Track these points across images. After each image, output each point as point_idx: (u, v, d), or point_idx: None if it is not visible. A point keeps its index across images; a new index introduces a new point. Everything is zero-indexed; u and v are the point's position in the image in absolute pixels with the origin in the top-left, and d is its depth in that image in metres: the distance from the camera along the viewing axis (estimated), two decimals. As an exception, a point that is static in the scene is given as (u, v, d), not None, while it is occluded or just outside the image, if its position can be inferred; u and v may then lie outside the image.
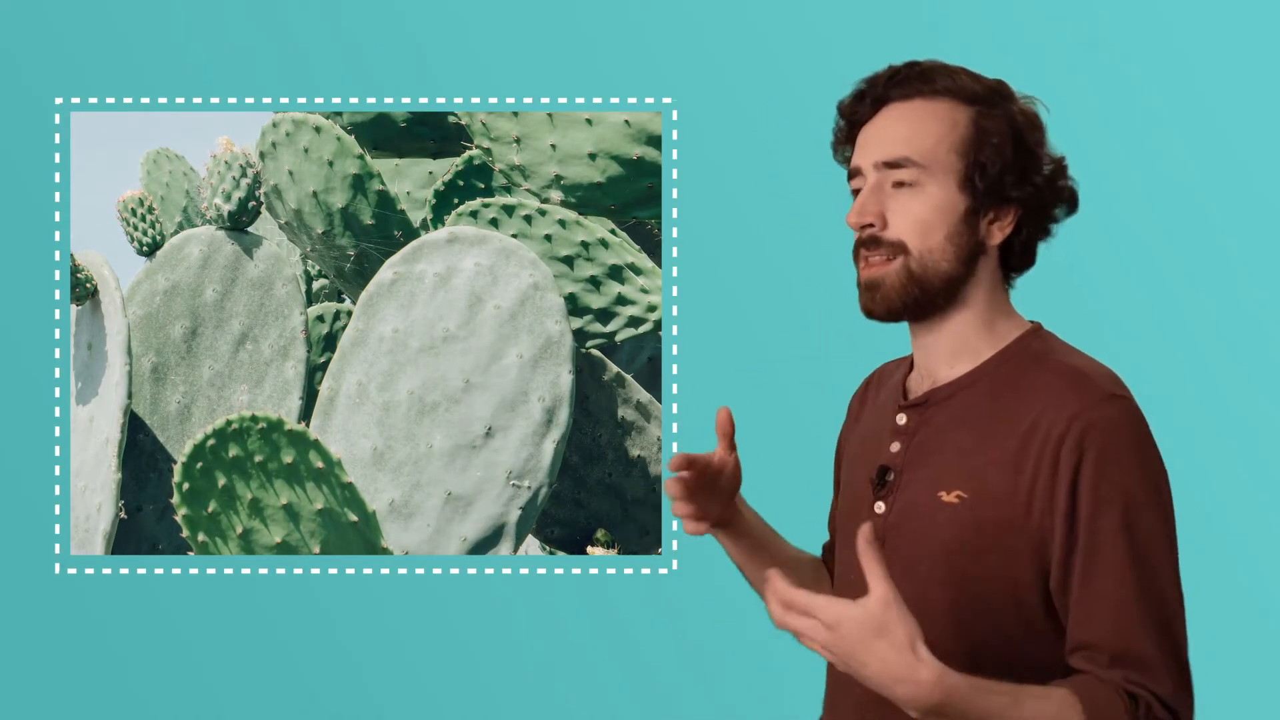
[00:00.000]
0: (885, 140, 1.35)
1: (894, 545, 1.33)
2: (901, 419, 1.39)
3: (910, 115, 1.35)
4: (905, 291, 1.34)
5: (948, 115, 1.35)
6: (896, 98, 1.36)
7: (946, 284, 1.35)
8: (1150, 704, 1.24)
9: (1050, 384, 1.31)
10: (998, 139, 1.34)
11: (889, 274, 1.34)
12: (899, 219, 1.34)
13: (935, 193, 1.34)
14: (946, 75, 1.36)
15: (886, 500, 1.37)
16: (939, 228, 1.34)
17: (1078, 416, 1.27)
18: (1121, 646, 1.24)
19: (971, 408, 1.34)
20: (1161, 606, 1.26)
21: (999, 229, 1.36)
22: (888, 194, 1.34)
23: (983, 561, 1.29)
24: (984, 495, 1.29)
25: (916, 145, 1.34)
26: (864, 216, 1.34)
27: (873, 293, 1.35)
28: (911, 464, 1.36)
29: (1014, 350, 1.36)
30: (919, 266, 1.34)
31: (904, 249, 1.34)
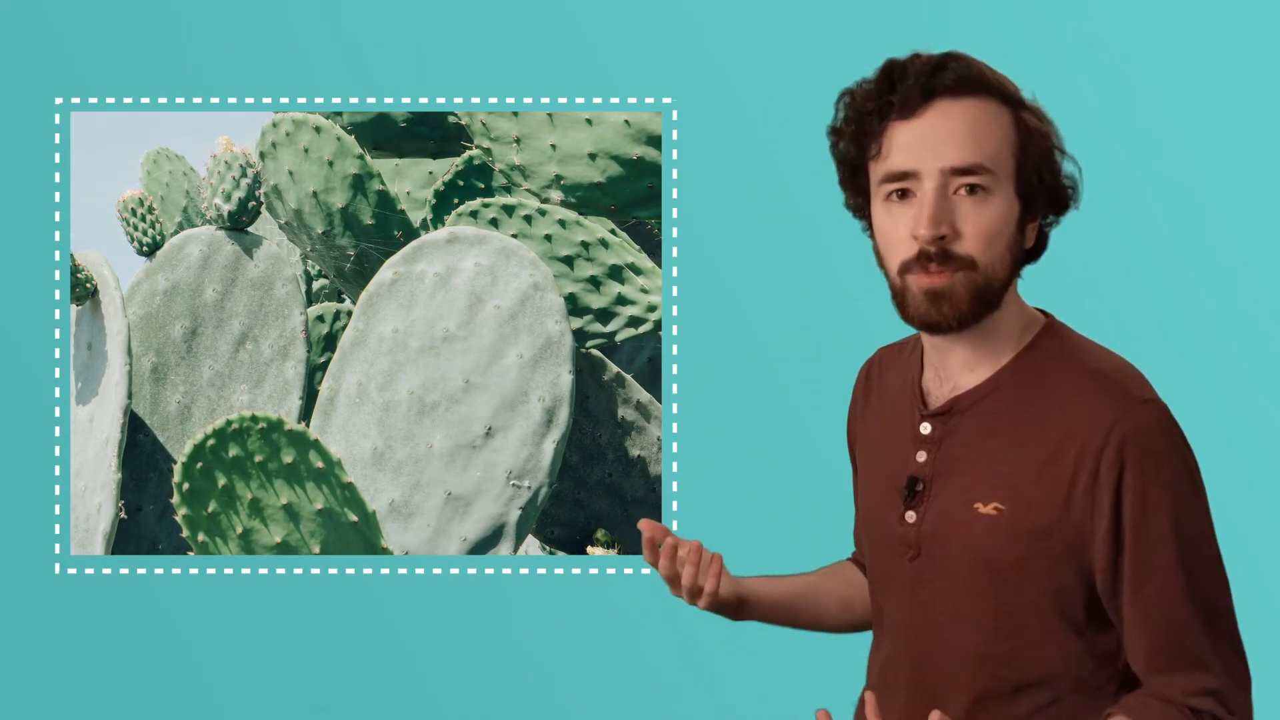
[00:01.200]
0: (952, 143, 1.27)
1: (930, 555, 1.33)
2: (926, 428, 1.36)
3: (970, 115, 1.28)
4: (975, 303, 1.29)
5: (999, 116, 1.29)
6: (946, 94, 1.28)
7: (1001, 292, 1.32)
8: (1214, 712, 1.25)
9: (1079, 390, 1.29)
10: (1043, 142, 1.31)
11: (956, 285, 1.28)
12: (970, 230, 1.27)
13: (1001, 201, 1.29)
14: (986, 71, 1.31)
15: (918, 510, 1.35)
16: (1003, 238, 1.29)
17: (1115, 426, 1.26)
18: (1175, 649, 1.25)
19: (997, 415, 1.32)
20: (1212, 605, 1.27)
21: (1033, 230, 1.34)
22: (953, 201, 1.28)
23: (1024, 570, 1.29)
24: (1020, 505, 1.28)
25: (986, 150, 1.27)
26: (939, 228, 1.27)
27: (939, 303, 1.29)
28: (941, 474, 1.34)
29: (1034, 351, 1.34)
30: (984, 279, 1.29)
31: (973, 264, 1.28)
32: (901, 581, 1.34)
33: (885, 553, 1.39)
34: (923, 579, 1.32)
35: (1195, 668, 1.26)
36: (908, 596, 1.27)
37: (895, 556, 1.37)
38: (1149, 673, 1.27)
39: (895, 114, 1.29)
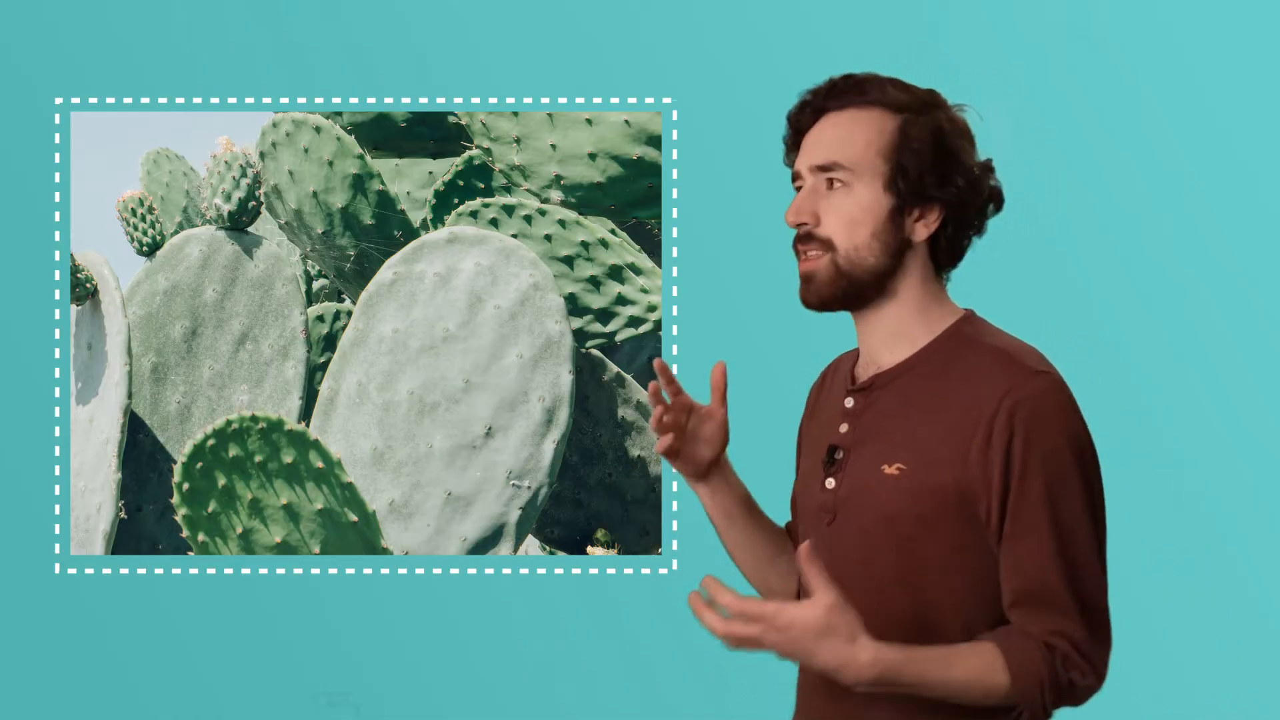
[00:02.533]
0: (820, 146, 1.50)
1: (844, 518, 1.48)
2: (849, 402, 1.52)
3: (842, 123, 1.49)
4: (834, 284, 1.48)
5: (876, 123, 1.49)
6: (833, 108, 1.51)
7: (874, 277, 1.48)
8: (1067, 653, 1.39)
9: (981, 364, 1.45)
10: (919, 144, 1.47)
11: (820, 268, 1.48)
12: (830, 218, 1.48)
13: (862, 193, 1.47)
14: (877, 86, 1.51)
15: (836, 477, 1.50)
16: (865, 225, 1.47)
17: (1008, 393, 1.41)
18: (1040, 595, 1.40)
19: (912, 389, 1.48)
20: (1078, 565, 1.41)
21: (923, 226, 1.49)
22: (822, 195, 1.49)
23: (924, 525, 1.43)
24: (922, 465, 1.43)
25: (846, 150, 1.48)
26: (799, 216, 1.49)
27: (807, 285, 1.50)
28: (859, 443, 1.49)
29: (948, 335, 1.49)
30: (846, 262, 1.48)
31: (832, 245, 1.48)
32: (820, 546, 1.45)
33: (810, 521, 1.54)
34: (839, 540, 1.48)
35: (1053, 611, 1.40)
36: (826, 559, 1.38)
37: (816, 524, 1.52)
38: (1013, 610, 1.42)
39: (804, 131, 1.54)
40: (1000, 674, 1.38)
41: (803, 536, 1.56)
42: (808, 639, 1.33)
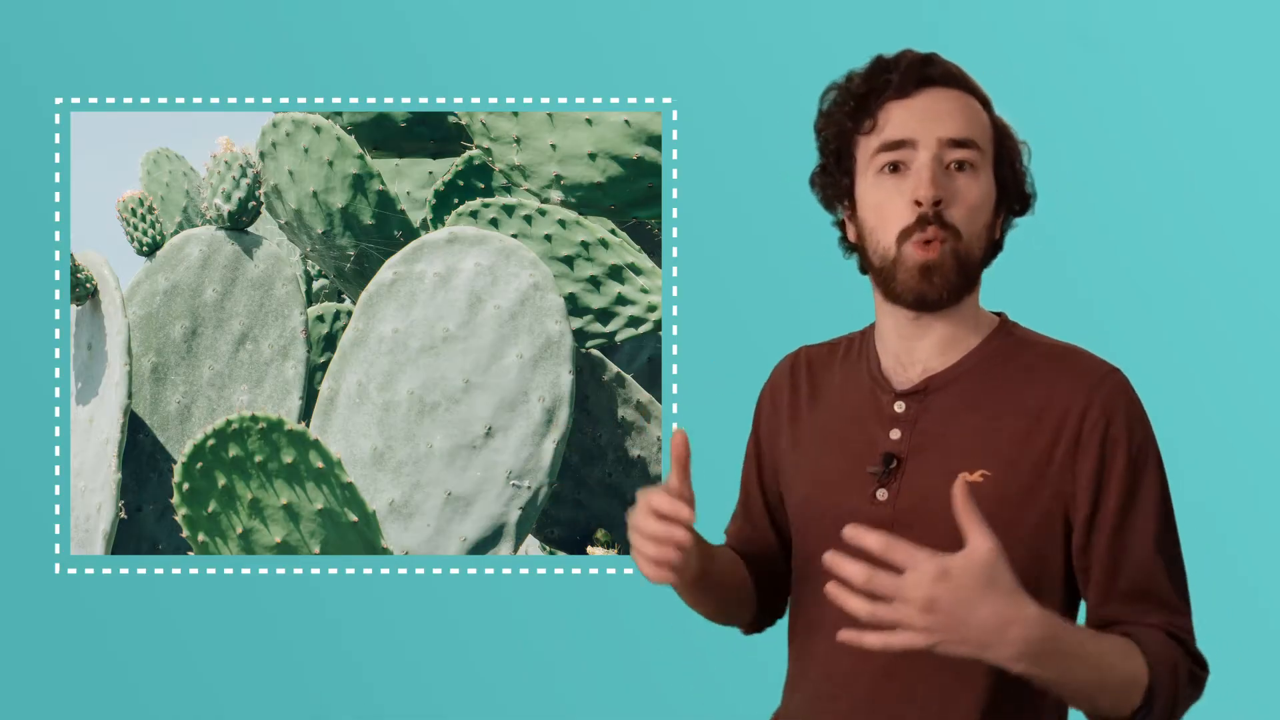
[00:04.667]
0: (950, 119, 1.36)
1: (905, 531, 1.31)
2: (900, 407, 1.40)
3: (959, 101, 1.38)
4: (957, 276, 1.36)
5: (979, 109, 1.39)
6: (938, 82, 1.38)
7: (977, 273, 1.40)
8: (1186, 640, 1.33)
9: (1050, 364, 1.38)
10: (1012, 141, 1.41)
11: (945, 257, 1.35)
12: (959, 201, 1.35)
13: (985, 181, 1.37)
14: (968, 75, 1.41)
15: (889, 488, 1.38)
16: (983, 215, 1.37)
17: (1094, 390, 1.35)
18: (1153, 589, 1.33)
19: (972, 393, 1.39)
20: (1175, 554, 1.36)
21: (1000, 224, 1.42)
22: (946, 173, 1.36)
23: (1010, 536, 1.29)
24: (1006, 471, 1.34)
25: (975, 131, 1.37)
26: (940, 190, 1.34)
27: (930, 277, 1.35)
28: (918, 450, 1.38)
29: (999, 337, 1.42)
30: (965, 252, 1.36)
31: (959, 234, 1.35)
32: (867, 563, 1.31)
33: (838, 537, 1.35)
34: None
35: (1165, 608, 1.34)
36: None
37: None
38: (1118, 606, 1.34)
39: (891, 94, 1.38)
40: (1138, 660, 1.27)
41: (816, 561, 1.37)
42: (972, 589, 1.15)
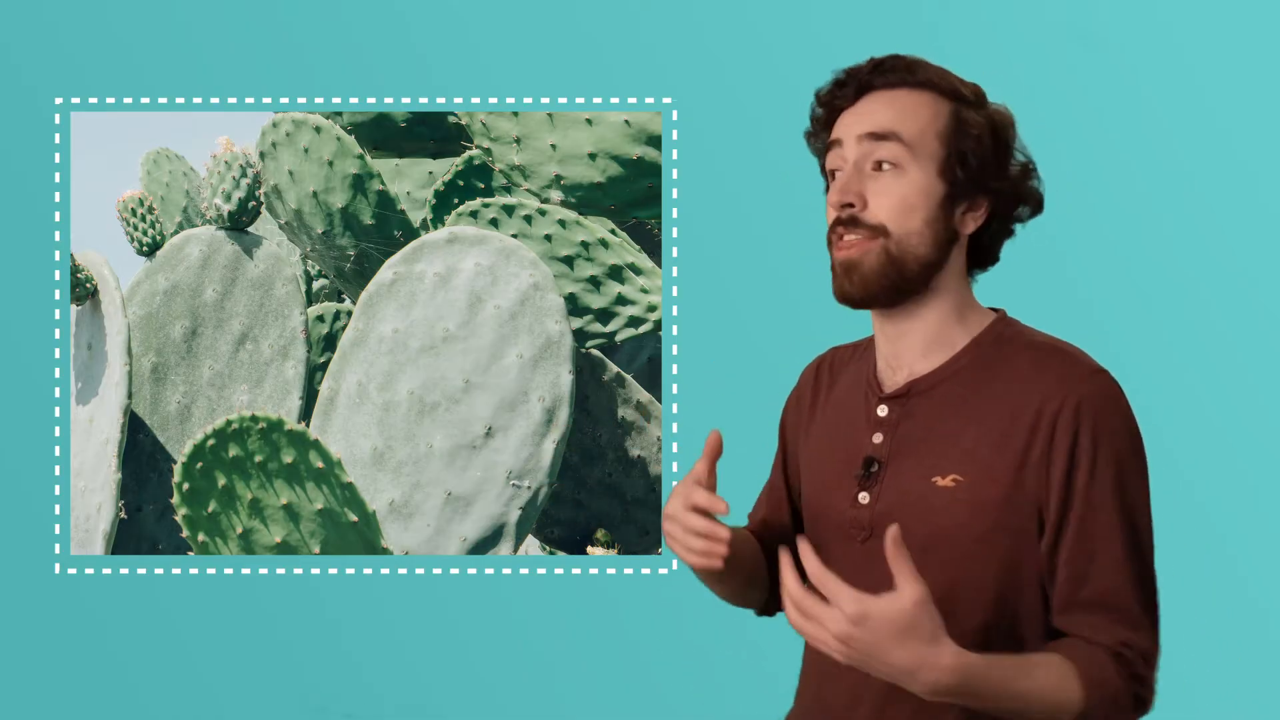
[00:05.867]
0: (874, 116, 1.37)
1: (882, 535, 1.32)
2: (883, 410, 1.41)
3: (896, 100, 1.38)
4: (883, 274, 1.36)
5: (931, 105, 1.38)
6: (881, 85, 1.39)
7: (923, 270, 1.37)
8: (1134, 662, 1.30)
9: (1034, 363, 1.36)
10: (978, 131, 1.38)
11: (867, 256, 1.36)
12: (880, 200, 1.36)
13: (917, 176, 1.36)
14: (928, 69, 1.40)
15: (870, 491, 1.39)
16: (919, 211, 1.36)
17: (1072, 390, 1.32)
18: (1112, 603, 1.31)
19: (955, 396, 1.37)
20: (1145, 566, 1.33)
21: (972, 219, 1.39)
22: (868, 175, 1.36)
23: (985, 541, 1.32)
24: (979, 476, 1.32)
25: (906, 126, 1.36)
26: (846, 195, 1.36)
27: (850, 275, 1.37)
28: (898, 454, 1.38)
29: (987, 337, 1.40)
30: (898, 249, 1.35)
31: (884, 231, 1.35)
32: (850, 565, 1.35)
33: (833, 538, 1.41)
34: (874, 560, 1.32)
35: (1123, 623, 1.31)
36: (857, 579, 1.25)
37: (844, 540, 1.40)
38: (1074, 615, 1.32)
39: (844, 104, 1.41)
40: (1073, 687, 1.27)
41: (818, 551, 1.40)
42: (887, 635, 1.18)
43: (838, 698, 1.41)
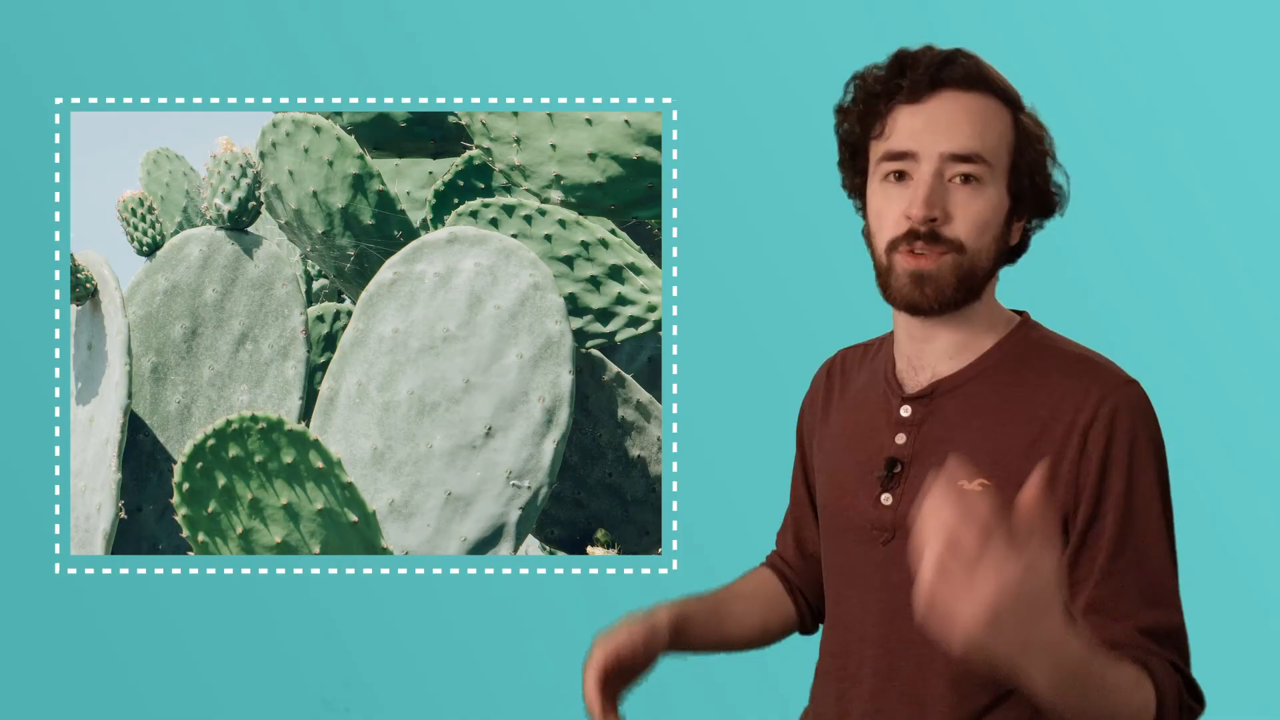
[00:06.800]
0: (955, 131, 1.33)
1: (906, 536, 1.31)
2: (906, 411, 1.39)
3: (974, 109, 1.34)
4: (956, 288, 1.34)
5: (1000, 115, 1.35)
6: (953, 85, 1.34)
7: (982, 283, 1.36)
8: (1187, 675, 1.28)
9: (1064, 372, 1.34)
10: (1037, 144, 1.36)
11: (942, 268, 1.33)
12: (962, 215, 1.33)
13: (993, 194, 1.34)
14: (991, 71, 1.36)
15: (893, 492, 1.37)
16: (992, 228, 1.34)
17: (1104, 400, 1.30)
18: (1155, 618, 1.28)
19: (980, 398, 1.36)
20: (1176, 581, 1.31)
21: (1018, 230, 1.38)
22: (947, 187, 1.33)
23: None
24: (1007, 481, 1.29)
25: (986, 142, 1.33)
26: (931, 209, 1.32)
27: (922, 285, 1.33)
28: (922, 455, 1.36)
29: (1014, 340, 1.38)
30: (969, 264, 1.34)
31: (961, 248, 1.33)
32: (871, 567, 1.34)
33: (854, 540, 1.39)
34: (897, 562, 1.32)
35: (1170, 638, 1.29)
36: (879, 581, 1.27)
37: (866, 542, 1.38)
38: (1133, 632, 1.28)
39: (902, 98, 1.35)
40: (1147, 687, 1.23)
41: (835, 557, 1.44)
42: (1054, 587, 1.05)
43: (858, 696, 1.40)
